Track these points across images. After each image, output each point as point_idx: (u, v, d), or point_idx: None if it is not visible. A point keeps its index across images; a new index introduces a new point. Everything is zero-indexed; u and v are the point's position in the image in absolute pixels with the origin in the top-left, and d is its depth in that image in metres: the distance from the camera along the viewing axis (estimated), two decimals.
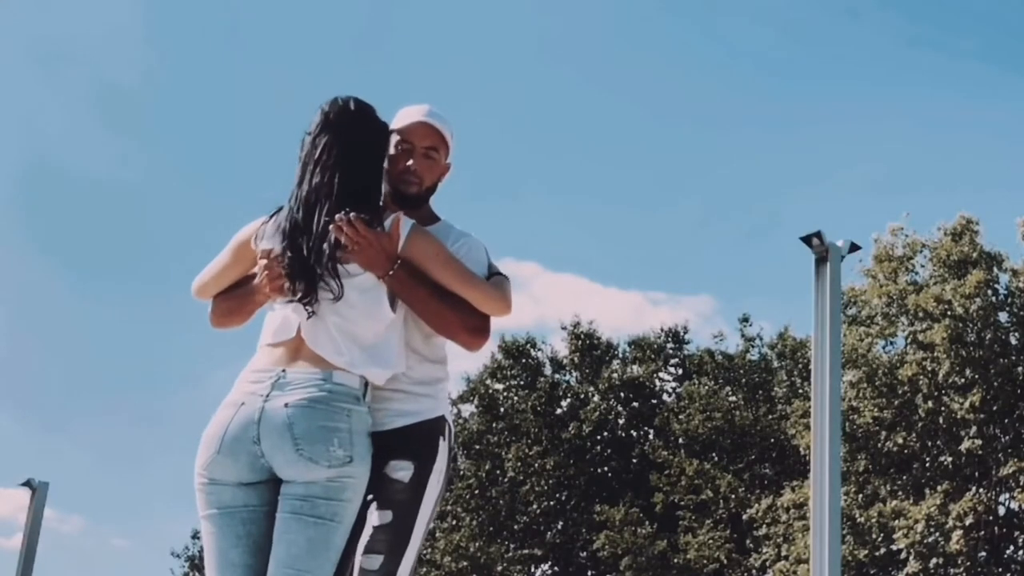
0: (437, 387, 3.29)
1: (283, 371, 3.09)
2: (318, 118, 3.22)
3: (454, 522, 30.54)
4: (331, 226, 3.04)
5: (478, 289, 3.16)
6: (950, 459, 22.17)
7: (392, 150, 3.30)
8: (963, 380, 22.10)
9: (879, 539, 21.95)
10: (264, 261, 3.18)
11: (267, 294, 3.20)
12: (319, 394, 3.03)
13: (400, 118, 3.33)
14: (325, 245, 3.06)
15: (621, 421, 31.70)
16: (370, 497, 3.12)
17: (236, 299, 3.31)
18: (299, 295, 3.10)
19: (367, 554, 3.10)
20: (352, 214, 3.04)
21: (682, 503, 27.39)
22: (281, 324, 3.18)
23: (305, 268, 3.08)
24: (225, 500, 3.11)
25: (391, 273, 3.08)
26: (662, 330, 32.63)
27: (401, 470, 3.14)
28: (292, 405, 3.02)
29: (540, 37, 45.13)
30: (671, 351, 32.45)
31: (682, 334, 32.53)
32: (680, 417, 28.94)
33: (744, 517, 25.88)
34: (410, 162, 3.29)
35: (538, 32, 45.04)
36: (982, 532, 22.02)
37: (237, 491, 3.10)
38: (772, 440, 27.75)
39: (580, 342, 32.70)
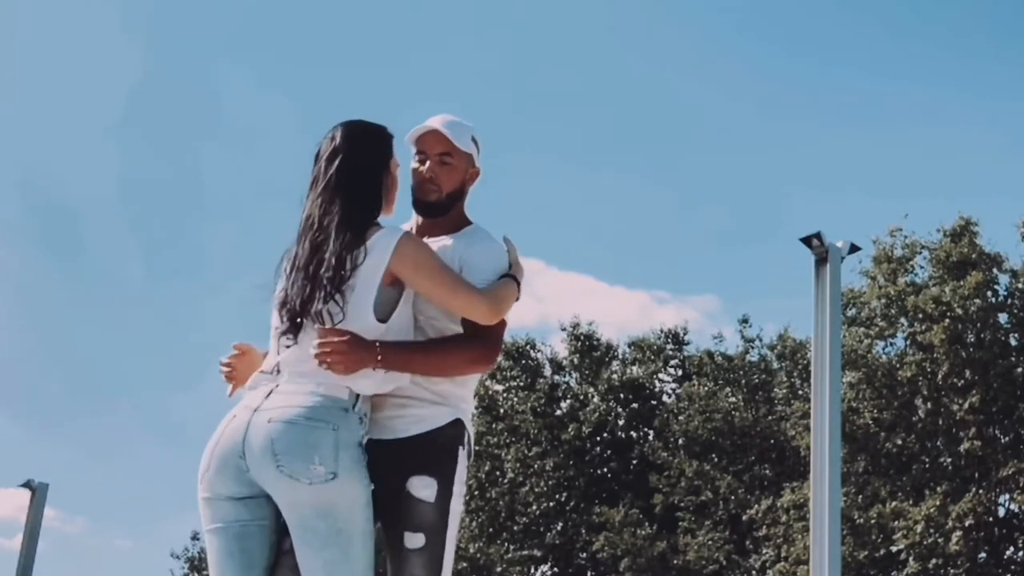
0: (457, 391, 3.25)
1: (276, 385, 3.10)
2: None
3: None
4: (314, 353, 3.03)
5: (460, 298, 3.15)
6: (950, 460, 22.18)
7: (412, 162, 3.36)
8: (962, 381, 22.11)
9: (879, 540, 21.95)
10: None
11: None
12: (304, 408, 3.01)
13: (417, 129, 3.36)
14: (316, 283, 3.07)
15: (621, 422, 31.65)
16: (397, 517, 3.10)
17: None
18: (283, 329, 3.15)
19: None
20: (321, 331, 3.04)
21: (682, 504, 27.35)
22: (272, 348, 3.22)
23: (290, 306, 3.12)
24: (219, 515, 3.11)
25: (379, 358, 3.04)
26: (662, 331, 32.63)
27: (425, 488, 3.11)
28: (275, 420, 3.00)
29: (548, 36, 45.17)
30: (671, 352, 32.42)
31: (682, 335, 32.53)
32: (680, 418, 28.90)
33: (744, 518, 25.85)
34: (426, 170, 3.32)
35: (546, 30, 45.08)
36: (982, 533, 22.03)
37: (229, 506, 3.10)
38: (772, 441, 27.71)
39: (579, 343, 32.69)
